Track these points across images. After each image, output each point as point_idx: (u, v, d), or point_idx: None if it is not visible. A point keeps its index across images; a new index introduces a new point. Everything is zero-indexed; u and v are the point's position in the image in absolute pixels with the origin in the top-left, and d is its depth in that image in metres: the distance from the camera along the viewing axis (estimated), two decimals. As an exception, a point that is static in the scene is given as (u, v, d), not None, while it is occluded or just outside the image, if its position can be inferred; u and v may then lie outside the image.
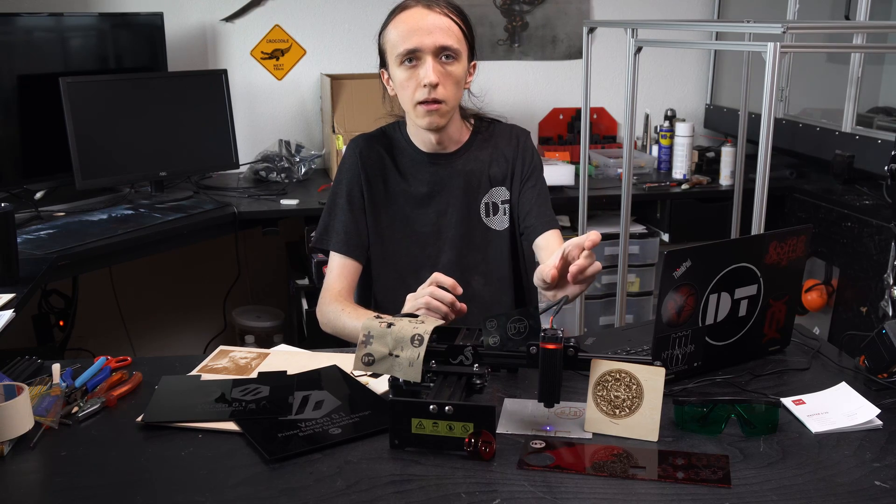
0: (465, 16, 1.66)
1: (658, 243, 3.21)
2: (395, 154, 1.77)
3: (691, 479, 1.09)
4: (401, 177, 1.75)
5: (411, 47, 1.58)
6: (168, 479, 1.12)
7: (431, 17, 1.59)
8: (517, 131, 1.83)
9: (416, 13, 1.60)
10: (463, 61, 1.63)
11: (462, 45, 1.63)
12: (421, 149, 1.75)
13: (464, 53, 1.63)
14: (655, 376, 1.20)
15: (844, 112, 2.80)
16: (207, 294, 3.40)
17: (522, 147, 1.80)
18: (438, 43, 1.58)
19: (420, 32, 1.58)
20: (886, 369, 1.35)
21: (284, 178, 3.12)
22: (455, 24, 1.61)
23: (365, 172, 1.75)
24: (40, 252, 2.18)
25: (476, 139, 1.78)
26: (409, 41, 1.58)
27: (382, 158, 1.76)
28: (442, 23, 1.59)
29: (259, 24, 3.33)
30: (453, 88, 1.62)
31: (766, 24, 2.65)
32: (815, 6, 3.25)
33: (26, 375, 1.42)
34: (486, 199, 1.76)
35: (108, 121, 2.69)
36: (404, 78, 1.61)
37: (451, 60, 1.60)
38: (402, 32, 1.60)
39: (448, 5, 1.63)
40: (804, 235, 1.45)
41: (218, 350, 1.58)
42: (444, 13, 1.61)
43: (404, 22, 1.60)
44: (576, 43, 3.57)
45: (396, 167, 1.76)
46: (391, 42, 1.62)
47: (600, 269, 1.35)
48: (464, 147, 1.77)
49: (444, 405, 1.14)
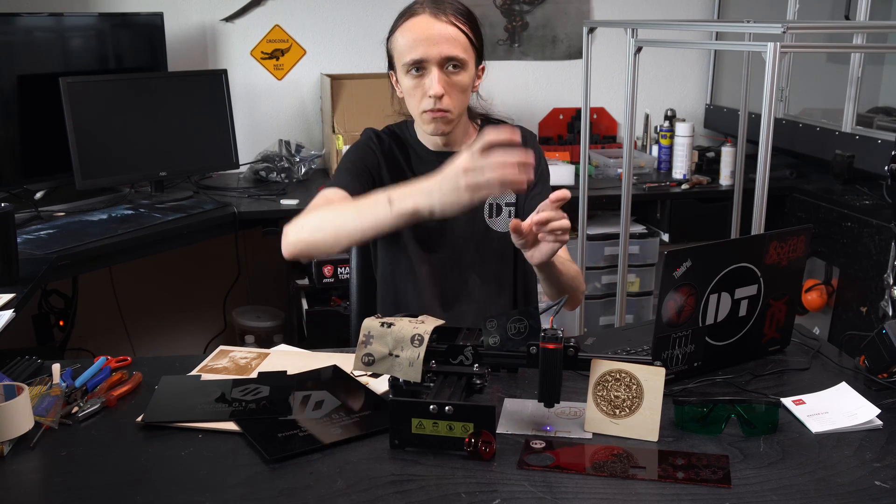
0: (473, 20, 1.64)
1: (658, 243, 3.21)
2: (404, 149, 1.77)
3: (691, 479, 1.09)
4: (410, 172, 1.74)
5: (417, 58, 1.57)
6: (168, 479, 1.12)
7: (438, 27, 1.58)
8: (525, 134, 1.81)
9: (423, 21, 1.59)
10: (469, 69, 1.62)
11: (469, 54, 1.61)
12: (429, 147, 1.75)
13: (470, 61, 1.62)
14: (655, 376, 1.20)
15: (844, 112, 2.80)
16: (207, 294, 3.40)
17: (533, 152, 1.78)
18: (444, 54, 1.57)
19: (426, 43, 1.57)
20: (886, 369, 1.35)
21: (284, 178, 3.12)
22: (462, 33, 1.60)
23: (383, 157, 1.74)
24: (40, 252, 2.18)
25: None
26: (415, 51, 1.57)
27: (394, 151, 1.76)
28: (448, 32, 1.58)
29: (259, 24, 3.33)
30: (459, 97, 1.62)
31: (766, 24, 2.65)
32: (815, 6, 3.25)
33: (26, 375, 1.42)
34: (490, 200, 1.76)
35: (107, 121, 2.69)
36: (411, 86, 1.61)
37: (456, 70, 1.59)
38: (408, 41, 1.58)
39: (456, 11, 1.61)
40: (804, 235, 1.45)
41: (218, 350, 1.58)
42: (450, 21, 1.59)
43: (411, 30, 1.59)
44: (576, 43, 3.57)
45: (406, 162, 1.76)
46: (398, 49, 1.62)
47: (568, 225, 1.36)
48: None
49: (444, 405, 1.14)
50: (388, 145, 1.76)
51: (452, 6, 1.62)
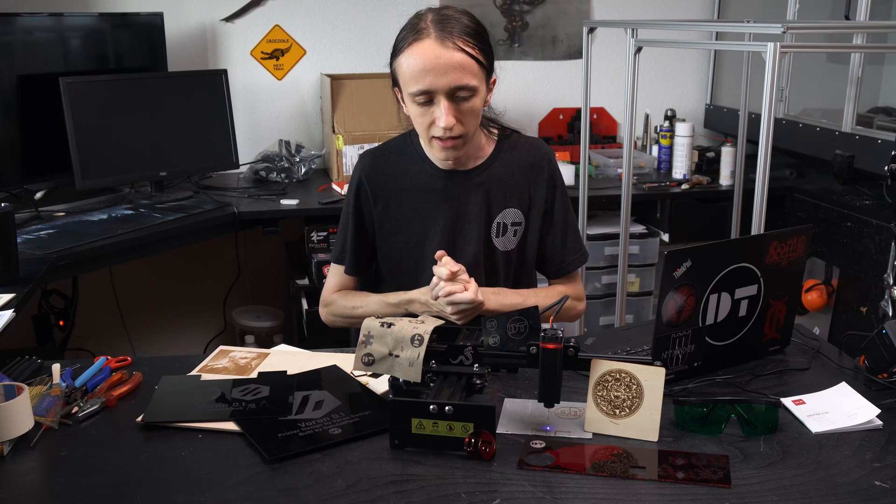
0: (482, 36, 1.55)
1: (658, 243, 3.20)
2: (406, 171, 1.70)
3: (691, 479, 1.09)
4: (412, 194, 1.69)
5: (424, 88, 1.50)
6: (168, 479, 1.12)
7: (446, 56, 1.48)
8: (545, 153, 1.73)
9: (429, 48, 1.49)
10: (481, 93, 1.55)
11: (479, 78, 1.53)
12: (438, 165, 1.68)
13: (481, 85, 1.55)
14: (655, 376, 1.20)
15: (844, 112, 2.80)
16: (207, 294, 3.41)
17: (549, 174, 1.72)
18: (453, 84, 1.50)
19: (433, 73, 1.48)
20: (886, 369, 1.35)
21: (284, 178, 3.12)
22: (470, 58, 1.51)
23: (372, 192, 1.70)
24: (40, 252, 2.18)
25: (499, 156, 1.70)
26: (421, 82, 1.50)
27: (392, 177, 1.70)
28: (456, 60, 1.49)
29: (259, 24, 3.33)
30: (470, 122, 1.56)
31: (766, 24, 2.65)
32: (815, 6, 3.25)
33: (26, 375, 1.42)
34: (499, 220, 1.70)
35: (108, 121, 2.69)
36: (418, 114, 1.55)
37: (466, 97, 1.52)
38: (414, 71, 1.50)
39: (463, 32, 1.51)
40: (804, 235, 1.45)
41: (218, 350, 1.58)
42: (458, 47, 1.49)
43: (417, 57, 1.50)
44: (576, 43, 3.57)
45: (408, 185, 1.69)
46: (403, 75, 1.54)
47: (469, 299, 1.51)
48: (485, 164, 1.69)
49: (444, 405, 1.14)
50: (385, 172, 1.70)
51: (459, 25, 1.52)
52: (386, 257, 1.75)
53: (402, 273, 1.74)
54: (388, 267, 1.76)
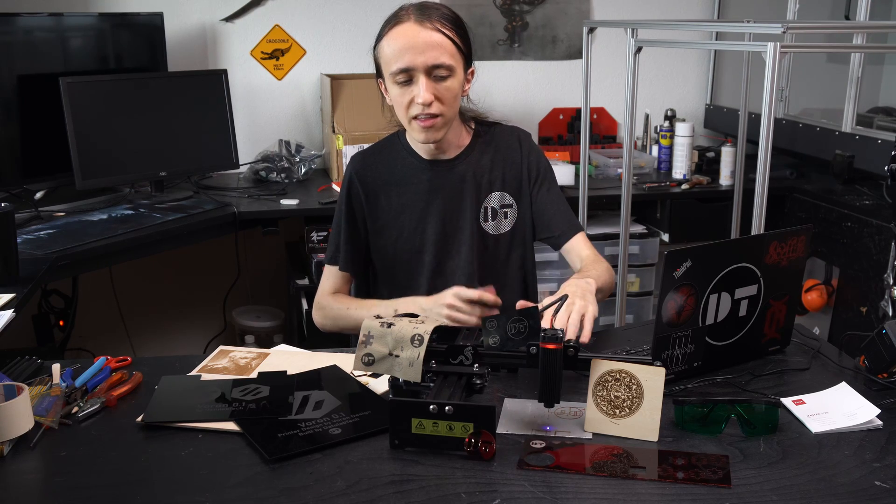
0: (459, 25, 1.64)
1: (658, 243, 3.20)
2: (394, 166, 1.76)
3: (691, 479, 1.09)
4: (401, 188, 1.75)
5: (404, 66, 1.57)
6: (168, 479, 1.12)
7: (423, 34, 1.57)
8: (519, 133, 1.81)
9: (409, 29, 1.58)
10: (458, 74, 1.62)
11: (456, 59, 1.61)
12: (421, 155, 1.75)
13: (458, 67, 1.61)
14: (655, 376, 1.20)
15: (844, 112, 2.80)
16: (207, 294, 3.40)
17: (527, 150, 1.79)
18: (431, 62, 1.57)
19: (412, 51, 1.56)
20: (886, 369, 1.35)
21: (284, 178, 3.12)
22: (448, 39, 1.59)
23: (363, 190, 1.76)
24: (40, 252, 2.18)
25: (477, 143, 1.78)
26: (401, 60, 1.57)
27: (381, 173, 1.76)
28: (434, 39, 1.57)
29: (259, 24, 3.33)
30: (449, 103, 1.62)
31: (766, 24, 2.65)
32: (815, 6, 3.25)
33: (26, 375, 1.42)
34: (486, 204, 1.76)
35: (108, 121, 2.69)
36: (399, 94, 1.61)
37: (445, 77, 1.59)
38: (394, 50, 1.58)
39: (441, 17, 1.60)
40: (804, 235, 1.45)
41: (218, 350, 1.58)
42: (436, 28, 1.58)
43: (397, 38, 1.58)
44: (576, 43, 3.57)
45: (396, 179, 1.76)
46: (385, 57, 1.61)
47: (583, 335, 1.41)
48: (464, 152, 1.76)
49: (444, 405, 1.14)
50: (375, 169, 1.76)
51: (438, 12, 1.61)
52: (380, 254, 1.79)
53: (397, 266, 1.77)
54: (382, 263, 1.79)
